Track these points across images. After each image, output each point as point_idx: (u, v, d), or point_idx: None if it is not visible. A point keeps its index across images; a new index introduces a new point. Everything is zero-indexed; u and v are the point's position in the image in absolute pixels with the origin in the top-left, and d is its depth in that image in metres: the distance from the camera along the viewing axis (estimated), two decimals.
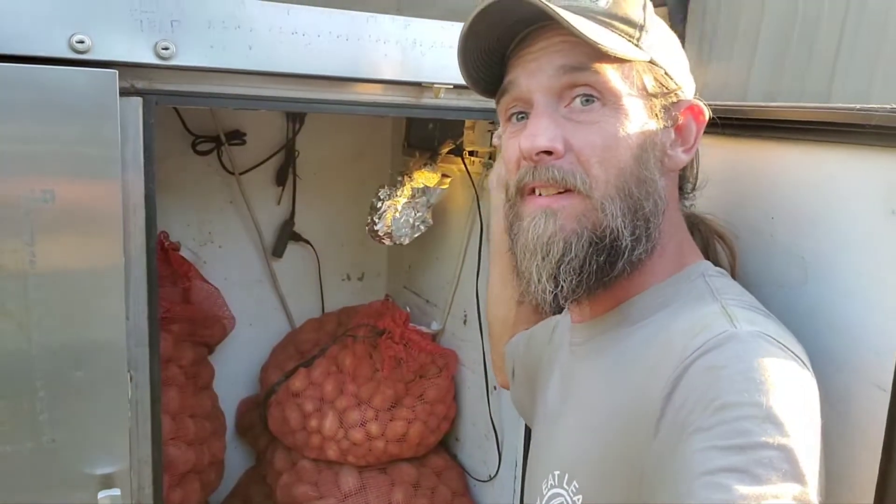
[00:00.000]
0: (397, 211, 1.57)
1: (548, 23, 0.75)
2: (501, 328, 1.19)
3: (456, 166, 1.62)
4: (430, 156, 1.60)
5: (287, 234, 1.92)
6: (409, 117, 1.77)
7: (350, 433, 1.54)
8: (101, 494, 1.01)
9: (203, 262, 1.84)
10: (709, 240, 0.88)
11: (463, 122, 1.54)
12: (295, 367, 1.66)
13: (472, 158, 1.55)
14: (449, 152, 1.60)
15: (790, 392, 0.62)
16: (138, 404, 1.07)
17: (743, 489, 0.55)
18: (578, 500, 0.74)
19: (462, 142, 1.55)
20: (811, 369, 0.68)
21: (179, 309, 1.62)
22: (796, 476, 0.57)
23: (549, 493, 0.80)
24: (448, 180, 1.61)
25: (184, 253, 1.71)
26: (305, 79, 1.09)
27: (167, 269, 1.63)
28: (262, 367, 1.83)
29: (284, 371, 1.69)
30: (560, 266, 0.74)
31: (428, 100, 1.21)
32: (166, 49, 0.97)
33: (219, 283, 1.73)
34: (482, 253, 1.53)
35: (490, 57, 0.82)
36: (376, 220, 1.57)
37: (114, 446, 1.04)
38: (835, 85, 1.78)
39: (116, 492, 1.02)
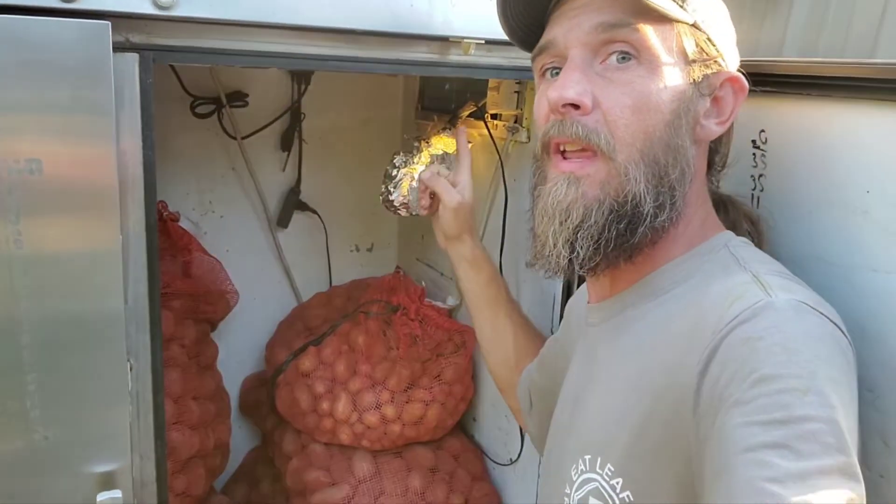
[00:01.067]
0: (414, 179, 1.45)
1: None
2: (508, 373, 1.19)
3: (477, 131, 1.50)
4: (449, 119, 1.48)
5: (293, 203, 1.80)
6: (423, 77, 1.65)
7: (364, 416, 1.44)
8: (100, 497, 0.92)
9: (203, 232, 1.73)
10: (737, 221, 0.85)
11: (486, 82, 1.43)
12: (304, 346, 1.56)
13: (496, 122, 1.44)
14: (469, 115, 1.47)
15: (831, 362, 0.61)
16: (139, 395, 0.97)
17: (788, 465, 0.54)
18: (618, 483, 0.71)
19: (485, 104, 1.43)
20: (849, 336, 0.66)
21: (180, 284, 1.52)
22: (841, 448, 0.56)
23: (581, 479, 0.77)
24: (469, 146, 1.49)
25: (183, 223, 1.60)
26: (323, 32, 0.97)
27: (166, 241, 1.52)
28: (268, 343, 1.73)
29: (292, 349, 1.59)
30: (578, 232, 0.73)
31: (455, 56, 1.09)
32: None
33: (220, 255, 1.62)
34: (506, 222, 1.42)
35: (531, 11, 0.81)
36: (391, 190, 1.45)
37: (113, 442, 0.95)
38: (881, 38, 1.66)
39: (117, 493, 0.93)
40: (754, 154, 0.94)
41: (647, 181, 0.73)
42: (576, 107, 0.74)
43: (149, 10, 0.85)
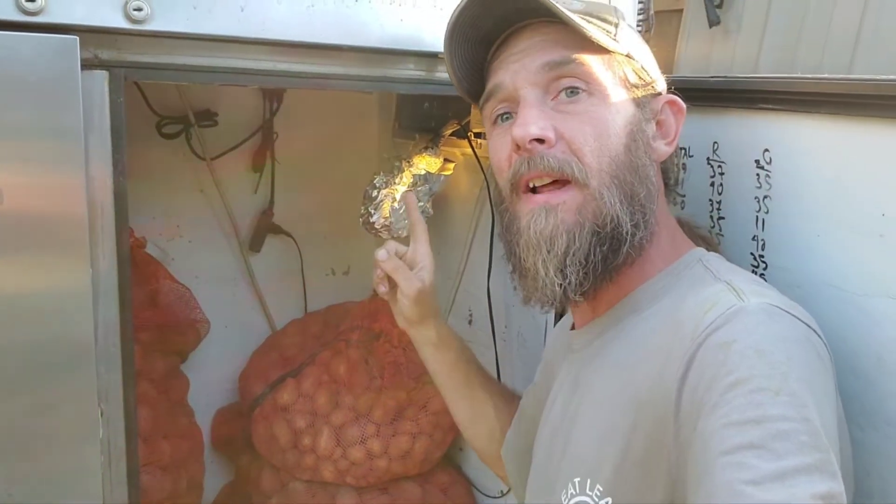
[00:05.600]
0: (395, 200, 1.40)
1: (526, 23, 0.80)
2: (495, 446, 1.10)
3: (459, 150, 1.45)
4: (430, 138, 1.42)
5: (265, 226, 1.72)
6: (400, 94, 1.60)
7: (349, 451, 1.37)
8: None
9: (171, 258, 1.64)
10: (693, 241, 0.87)
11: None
12: (282, 377, 1.48)
13: (479, 141, 1.39)
14: (451, 134, 1.42)
15: (804, 363, 0.62)
16: (110, 442, 0.89)
17: (765, 466, 0.55)
18: (607, 502, 0.72)
19: (468, 122, 1.38)
20: (824, 337, 0.67)
21: (147, 314, 1.43)
22: (816, 446, 0.57)
23: (572, 503, 0.77)
24: (451, 166, 1.44)
25: (149, 250, 1.51)
26: (308, 48, 0.91)
27: (132, 269, 1.43)
28: (242, 374, 1.64)
29: (268, 381, 1.51)
30: (566, 258, 0.75)
31: (442, 73, 1.04)
32: (139, 10, 0.79)
33: (189, 283, 1.53)
34: (494, 245, 1.37)
35: (471, 66, 0.86)
36: (372, 211, 1.40)
37: (83, 495, 0.87)
38: (857, 56, 1.66)
39: None
40: (758, 174, 0.90)
41: (620, 202, 0.75)
42: (540, 141, 0.76)
43: (121, 24, 0.79)
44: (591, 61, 0.77)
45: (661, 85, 0.84)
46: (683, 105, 0.84)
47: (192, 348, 1.54)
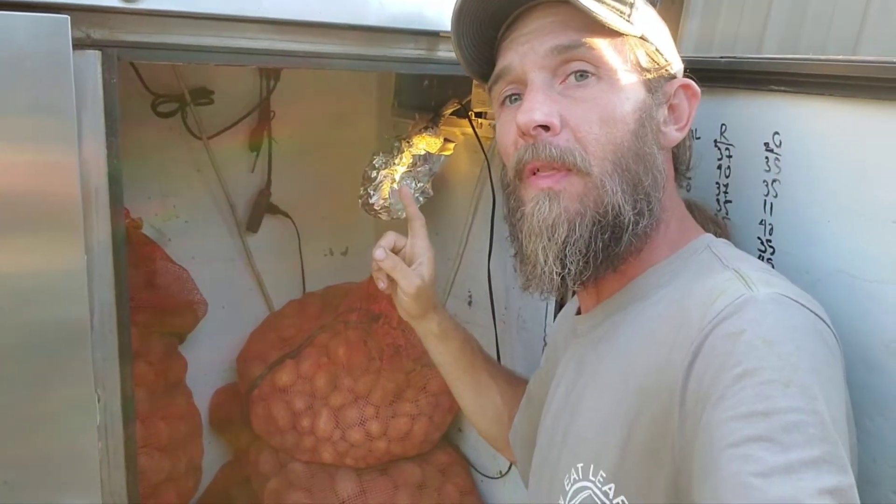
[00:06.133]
0: (395, 181, 1.38)
1: (537, 2, 0.78)
2: (502, 430, 1.12)
3: (459, 130, 1.43)
4: (430, 118, 1.40)
5: (263, 206, 1.70)
6: (398, 73, 1.57)
7: (348, 433, 1.37)
8: None
9: (167, 239, 1.62)
10: (704, 225, 0.86)
11: (470, 79, 1.35)
12: (280, 358, 1.47)
13: (480, 120, 1.37)
14: (452, 113, 1.40)
15: (814, 353, 0.61)
16: (108, 429, 0.88)
17: (773, 458, 0.54)
18: (610, 489, 0.71)
19: (469, 101, 1.36)
20: (832, 326, 0.66)
21: (144, 295, 1.42)
22: (825, 438, 0.56)
23: (574, 488, 0.76)
24: (452, 146, 1.42)
25: (145, 230, 1.50)
26: (304, 27, 0.89)
27: (128, 249, 1.41)
28: (240, 355, 1.64)
29: (267, 362, 1.50)
30: (566, 247, 0.74)
31: (444, 53, 1.02)
32: None
33: (186, 263, 1.52)
34: (495, 226, 1.35)
35: (480, 46, 0.84)
36: (371, 192, 1.38)
37: (81, 481, 0.86)
38: (864, 33, 1.64)
39: None
40: (767, 157, 0.88)
41: (623, 191, 0.74)
42: (545, 128, 0.75)
43: (113, 2, 0.77)
44: (601, 45, 0.75)
45: (676, 67, 0.82)
46: (698, 90, 0.82)
47: (190, 329, 1.54)
